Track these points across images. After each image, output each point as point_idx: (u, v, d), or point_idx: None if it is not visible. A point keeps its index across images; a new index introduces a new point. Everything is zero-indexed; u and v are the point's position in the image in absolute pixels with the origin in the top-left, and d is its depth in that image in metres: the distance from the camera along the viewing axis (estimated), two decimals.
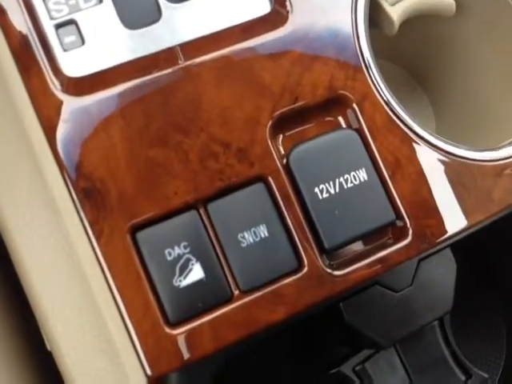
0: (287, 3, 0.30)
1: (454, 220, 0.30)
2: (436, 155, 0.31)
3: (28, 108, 0.27)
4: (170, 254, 0.26)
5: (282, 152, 0.29)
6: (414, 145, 0.31)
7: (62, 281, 0.27)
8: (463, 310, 0.38)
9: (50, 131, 0.27)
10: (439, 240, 0.30)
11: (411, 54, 0.45)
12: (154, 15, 0.29)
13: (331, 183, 0.29)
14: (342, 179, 0.29)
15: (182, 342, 0.26)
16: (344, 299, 0.32)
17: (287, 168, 0.29)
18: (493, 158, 0.32)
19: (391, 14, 0.36)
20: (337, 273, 0.28)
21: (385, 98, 0.31)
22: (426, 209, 0.30)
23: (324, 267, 0.28)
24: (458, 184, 0.31)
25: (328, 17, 0.31)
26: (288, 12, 0.30)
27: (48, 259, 0.27)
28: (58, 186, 0.27)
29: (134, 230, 0.27)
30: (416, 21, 0.38)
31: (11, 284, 0.30)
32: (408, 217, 0.29)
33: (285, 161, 0.29)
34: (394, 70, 0.47)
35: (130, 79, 0.28)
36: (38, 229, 0.27)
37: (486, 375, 0.38)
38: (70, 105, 0.27)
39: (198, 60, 0.29)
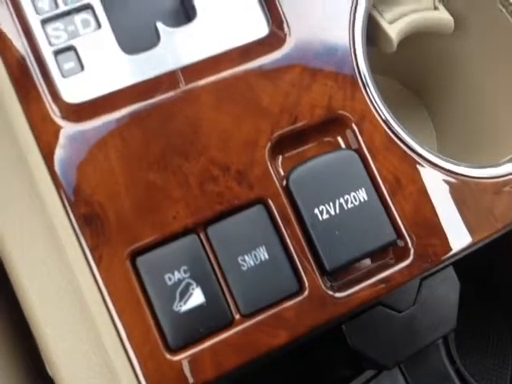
0: (284, 25, 0.30)
1: (457, 238, 0.30)
2: (436, 173, 0.31)
3: (27, 134, 0.27)
4: (170, 278, 0.26)
5: (282, 173, 0.29)
6: (414, 164, 0.30)
7: (63, 307, 0.27)
8: (466, 325, 0.38)
9: (48, 157, 0.27)
10: (442, 259, 0.29)
11: (410, 70, 0.45)
12: (153, 40, 0.30)
13: (331, 204, 0.29)
14: (342, 200, 0.29)
15: (182, 368, 0.26)
16: (346, 320, 0.31)
17: (287, 189, 0.29)
18: (493, 175, 0.32)
19: (389, 32, 0.36)
20: (338, 295, 0.27)
21: (383, 117, 0.31)
22: (428, 228, 0.30)
23: (325, 289, 0.27)
24: (459, 202, 0.31)
25: (325, 36, 0.31)
26: (286, 34, 0.30)
27: (48, 285, 0.27)
28: (57, 211, 0.27)
29: (134, 255, 0.26)
30: (415, 37, 0.39)
31: (15, 311, 0.30)
32: (409, 236, 0.29)
33: (284, 182, 0.29)
34: (394, 87, 0.47)
35: (129, 104, 0.28)
36: (37, 255, 0.27)
37: None
38: (69, 131, 0.27)
39: (197, 83, 0.29)
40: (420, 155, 0.31)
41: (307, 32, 0.31)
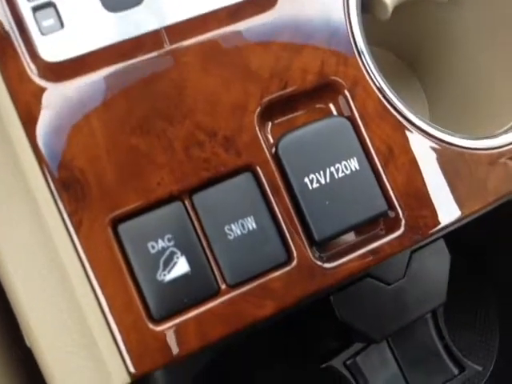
0: None
1: (448, 210, 0.29)
2: (430, 143, 0.30)
3: (4, 94, 0.26)
4: (153, 247, 0.25)
5: (271, 140, 0.28)
6: (408, 133, 0.30)
7: (41, 275, 0.26)
8: (455, 299, 0.37)
9: (26, 118, 0.26)
10: (433, 231, 0.29)
11: (404, 40, 0.44)
12: None
13: (322, 173, 0.28)
14: (332, 169, 0.28)
15: (166, 339, 0.25)
16: (335, 292, 0.31)
17: (276, 157, 0.27)
18: (487, 147, 0.31)
19: None
20: (327, 265, 0.27)
21: (377, 85, 0.30)
22: (419, 199, 0.29)
23: (314, 259, 0.27)
24: (451, 173, 0.30)
25: (319, 0, 0.30)
26: None
27: (25, 253, 0.26)
28: (36, 175, 0.25)
29: (116, 222, 0.25)
30: (409, 6, 0.37)
31: None
32: (400, 207, 0.28)
33: (274, 150, 0.28)
34: (387, 57, 0.46)
35: (111, 64, 0.27)
36: (15, 220, 0.26)
37: (480, 368, 0.37)
38: (48, 91, 0.26)
39: (182, 44, 0.27)
40: (414, 124, 0.30)
41: None
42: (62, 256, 0.26)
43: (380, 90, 0.30)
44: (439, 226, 0.29)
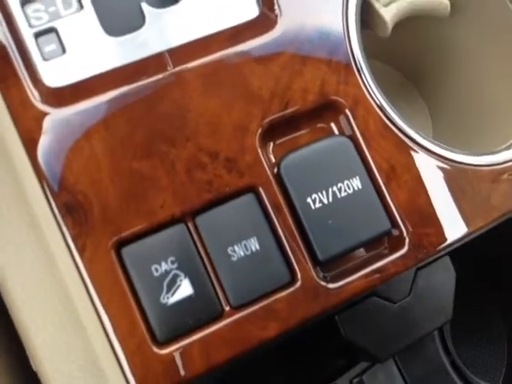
0: (276, 6, 0.29)
1: (453, 227, 0.29)
2: (432, 161, 0.30)
3: (6, 120, 0.26)
4: (156, 269, 0.25)
5: (273, 161, 0.28)
6: (410, 151, 0.30)
7: (45, 298, 0.26)
8: (462, 314, 0.37)
9: (29, 144, 0.26)
10: (437, 249, 0.29)
11: (405, 55, 0.44)
12: (138, 21, 0.28)
13: (324, 192, 0.28)
14: (335, 188, 0.28)
15: (171, 362, 0.25)
16: (340, 311, 0.31)
17: (278, 177, 0.28)
18: (490, 163, 0.31)
19: (384, 15, 0.35)
20: (331, 285, 0.27)
21: (378, 103, 0.30)
22: (423, 217, 0.29)
23: (318, 280, 0.27)
24: (455, 190, 0.30)
25: (318, 19, 0.30)
26: (277, 15, 0.29)
27: (31, 278, 0.26)
28: (39, 200, 0.25)
29: (119, 245, 0.25)
30: (410, 21, 0.38)
31: None
32: (404, 225, 0.28)
33: (276, 170, 0.28)
34: (389, 72, 0.46)
35: (113, 88, 0.27)
36: (19, 246, 0.26)
37: None
38: (51, 116, 0.26)
39: (184, 67, 0.28)
40: (416, 142, 0.30)
41: (299, 14, 0.30)
42: (66, 279, 0.26)
43: (381, 108, 0.30)
44: (444, 244, 0.29)
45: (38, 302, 0.26)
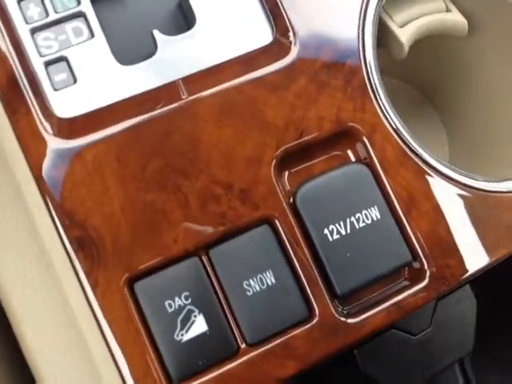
0: (290, 33, 0.28)
1: (475, 257, 0.28)
2: (452, 188, 0.29)
3: (17, 152, 0.25)
4: (170, 305, 0.25)
5: (288, 190, 0.27)
6: (429, 178, 0.29)
7: (57, 336, 0.25)
8: (483, 340, 0.36)
9: (40, 177, 0.25)
10: (459, 280, 0.28)
11: (422, 73, 0.43)
12: (149, 49, 0.28)
13: (342, 223, 0.27)
14: (353, 218, 0.27)
15: None
16: (358, 345, 0.30)
17: (294, 208, 0.27)
18: (511, 189, 0.30)
19: (400, 36, 0.34)
20: (351, 321, 0.26)
21: (396, 129, 0.29)
22: (444, 247, 0.28)
23: (336, 315, 0.26)
24: (476, 218, 0.29)
25: (333, 44, 0.29)
26: (291, 42, 0.28)
27: (42, 314, 0.25)
28: (50, 234, 0.25)
29: (132, 280, 0.25)
30: (427, 41, 0.37)
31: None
32: (425, 257, 0.27)
33: (291, 200, 0.27)
34: (405, 90, 0.45)
35: (124, 118, 0.26)
36: (30, 282, 0.25)
37: None
38: (62, 148, 0.25)
39: (195, 96, 0.27)
40: (435, 168, 0.29)
41: (314, 40, 0.29)
42: (78, 315, 0.25)
43: (399, 134, 0.29)
44: (466, 275, 0.28)
45: (49, 339, 0.25)
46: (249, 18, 0.29)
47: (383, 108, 0.29)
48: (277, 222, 0.26)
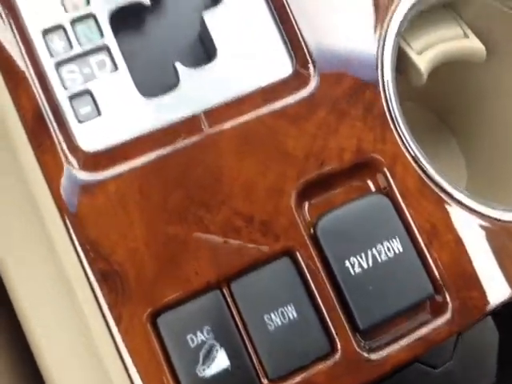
0: (309, 64, 0.29)
1: (499, 289, 0.28)
2: (474, 219, 0.29)
3: (41, 185, 0.26)
4: (192, 340, 0.25)
5: (309, 221, 0.27)
6: (450, 209, 0.29)
7: (79, 369, 0.26)
8: (504, 371, 0.35)
9: (64, 210, 0.25)
10: (483, 313, 0.27)
11: (439, 96, 0.43)
12: (172, 81, 0.28)
13: (363, 255, 0.27)
14: (374, 250, 0.27)
15: None
16: (381, 380, 0.29)
17: (315, 239, 0.27)
18: None
19: (419, 64, 0.34)
20: (373, 356, 0.25)
21: (416, 159, 0.29)
22: (467, 279, 0.27)
23: (359, 350, 0.25)
24: (499, 249, 0.29)
25: (353, 74, 0.29)
26: (310, 73, 0.29)
27: (65, 345, 0.26)
28: (73, 266, 0.25)
29: (155, 314, 0.25)
30: (445, 66, 0.37)
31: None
32: (447, 290, 0.27)
33: (312, 231, 0.27)
34: (422, 113, 0.45)
35: (148, 151, 0.26)
36: (53, 315, 0.26)
37: None
38: (86, 181, 0.26)
39: (217, 128, 0.27)
40: (456, 199, 0.29)
41: (333, 71, 0.29)
42: (100, 349, 0.25)
43: (418, 163, 0.29)
44: (489, 308, 0.27)
45: (72, 371, 0.25)
46: (269, 50, 0.29)
47: (403, 137, 0.29)
48: (298, 254, 0.26)
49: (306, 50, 0.29)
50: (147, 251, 0.25)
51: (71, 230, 0.25)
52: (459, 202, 0.29)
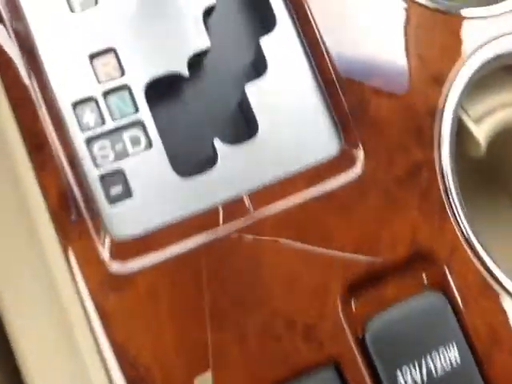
0: (359, 144, 0.26)
1: None
2: None
3: (66, 279, 0.24)
4: None
5: (356, 322, 0.25)
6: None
7: None
8: None
9: (89, 300, 0.24)
10: None
11: (496, 164, 0.39)
12: (210, 160, 0.26)
13: (416, 364, 0.24)
14: (429, 359, 0.24)
15: None
16: None
17: (363, 344, 0.24)
18: None
19: (477, 134, 0.31)
20: None
21: (477, 253, 0.26)
22: None
23: None
24: None
25: (406, 155, 0.27)
26: (359, 154, 0.26)
27: None
28: (97, 371, 0.23)
29: None
30: (502, 133, 0.34)
31: None
32: None
33: (360, 334, 0.24)
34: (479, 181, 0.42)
35: (181, 240, 0.24)
36: None
37: None
38: (114, 272, 0.24)
39: (257, 215, 0.25)
40: None
41: (384, 152, 0.26)
42: None
43: (479, 258, 0.26)
44: None
45: None
46: (314, 127, 0.26)
47: (462, 227, 0.26)
48: (343, 363, 0.24)
49: (355, 129, 0.26)
50: (176, 356, 0.23)
51: (94, 327, 0.23)
52: None
